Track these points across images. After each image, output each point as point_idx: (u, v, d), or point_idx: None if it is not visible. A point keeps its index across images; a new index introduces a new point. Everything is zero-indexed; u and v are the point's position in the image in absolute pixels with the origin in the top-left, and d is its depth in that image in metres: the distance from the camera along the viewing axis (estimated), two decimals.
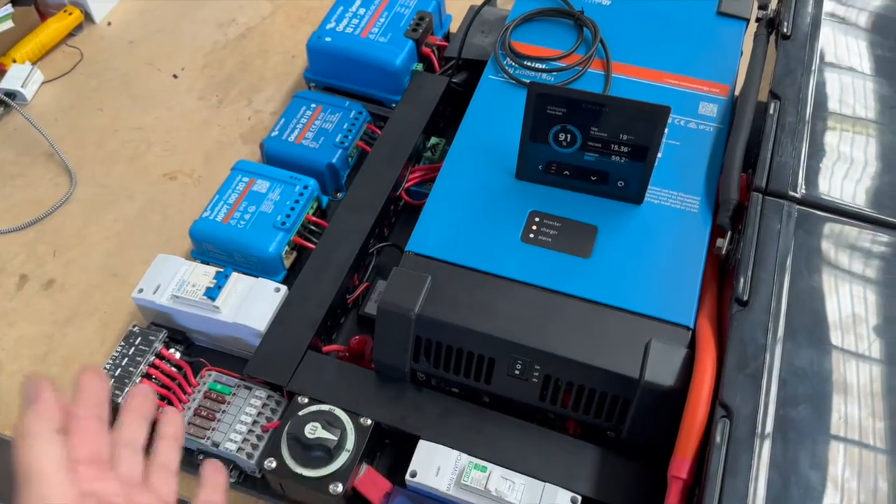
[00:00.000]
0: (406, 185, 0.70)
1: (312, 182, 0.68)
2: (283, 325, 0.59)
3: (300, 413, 0.54)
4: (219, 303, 0.60)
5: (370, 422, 0.54)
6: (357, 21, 0.78)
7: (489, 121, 0.63)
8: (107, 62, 0.89)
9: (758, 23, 0.66)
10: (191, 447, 0.58)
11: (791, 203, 0.52)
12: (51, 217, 0.76)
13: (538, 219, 0.57)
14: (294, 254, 0.67)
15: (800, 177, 0.53)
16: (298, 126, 0.74)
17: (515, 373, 0.52)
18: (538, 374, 0.52)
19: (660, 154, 0.57)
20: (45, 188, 0.78)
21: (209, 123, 0.83)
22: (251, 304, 0.61)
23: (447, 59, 0.77)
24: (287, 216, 0.66)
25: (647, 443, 0.51)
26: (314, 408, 0.54)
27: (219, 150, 0.80)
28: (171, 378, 0.60)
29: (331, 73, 0.79)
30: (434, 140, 0.73)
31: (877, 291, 0.48)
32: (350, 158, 0.74)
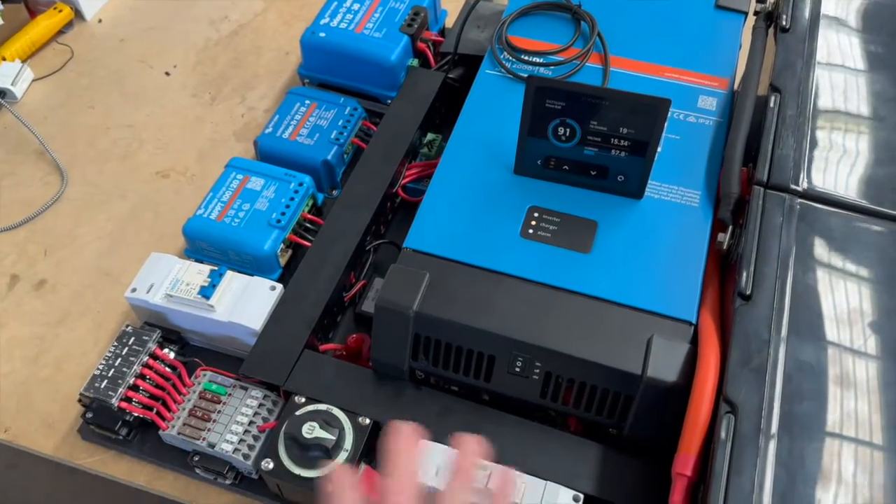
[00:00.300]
0: (403, 182, 0.69)
1: (308, 179, 0.68)
2: (279, 324, 0.58)
3: (297, 413, 0.53)
4: (213, 302, 0.59)
5: (368, 421, 0.53)
6: (351, 16, 0.77)
7: (486, 116, 0.62)
8: (98, 60, 0.88)
9: (756, 16, 0.65)
10: (185, 448, 0.57)
11: (793, 196, 0.51)
12: (42, 216, 0.75)
13: (537, 214, 0.56)
14: (289, 252, 0.67)
15: (801, 170, 0.52)
16: (293, 123, 0.73)
17: (516, 370, 0.52)
18: (539, 372, 0.51)
19: (659, 148, 0.57)
20: (36, 187, 0.77)
21: (202, 121, 0.82)
22: (246, 303, 0.60)
23: (443, 55, 0.77)
24: (282, 214, 0.65)
25: (650, 440, 0.51)
26: (311, 407, 0.54)
27: (212, 148, 0.79)
28: (166, 378, 0.59)
29: (325, 70, 0.78)
30: (430, 136, 0.72)
31: (880, 284, 0.48)
32: (345, 155, 0.73)
